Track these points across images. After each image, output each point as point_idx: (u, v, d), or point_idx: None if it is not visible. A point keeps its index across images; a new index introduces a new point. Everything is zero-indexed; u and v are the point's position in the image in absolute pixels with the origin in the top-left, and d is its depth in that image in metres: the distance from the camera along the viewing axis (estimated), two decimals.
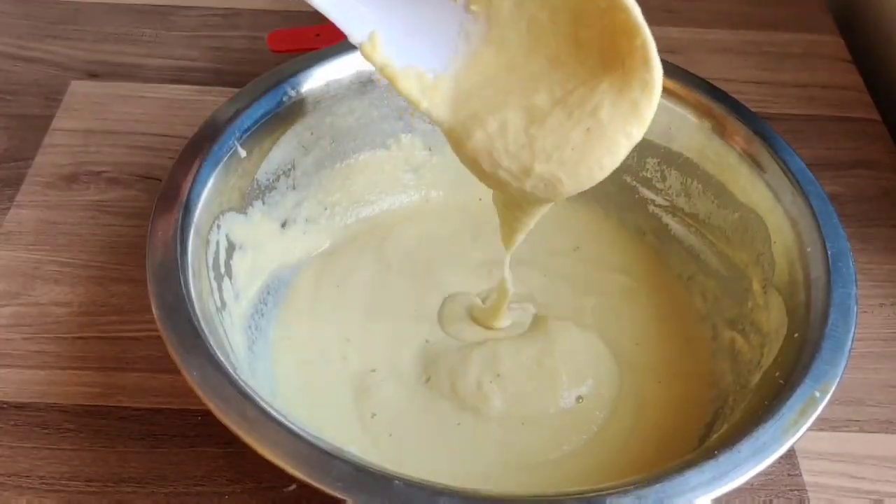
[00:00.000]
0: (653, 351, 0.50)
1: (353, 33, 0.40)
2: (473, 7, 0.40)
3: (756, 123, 0.49)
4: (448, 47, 0.41)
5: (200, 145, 0.46)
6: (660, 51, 0.38)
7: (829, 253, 0.43)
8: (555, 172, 0.39)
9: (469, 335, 0.50)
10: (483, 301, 0.52)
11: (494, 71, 0.41)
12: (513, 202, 0.44)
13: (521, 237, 0.47)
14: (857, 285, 0.42)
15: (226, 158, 0.46)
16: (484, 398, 0.46)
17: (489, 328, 0.50)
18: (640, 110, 0.38)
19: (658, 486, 0.35)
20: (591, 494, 0.35)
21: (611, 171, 0.39)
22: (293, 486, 0.44)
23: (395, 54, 0.40)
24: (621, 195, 0.55)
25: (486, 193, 0.56)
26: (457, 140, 0.41)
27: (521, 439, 0.45)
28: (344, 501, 0.34)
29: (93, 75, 0.66)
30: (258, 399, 0.37)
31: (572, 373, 0.47)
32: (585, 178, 0.39)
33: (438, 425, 0.46)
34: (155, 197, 0.44)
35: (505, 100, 0.40)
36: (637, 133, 0.38)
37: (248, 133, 0.47)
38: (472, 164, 0.41)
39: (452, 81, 0.40)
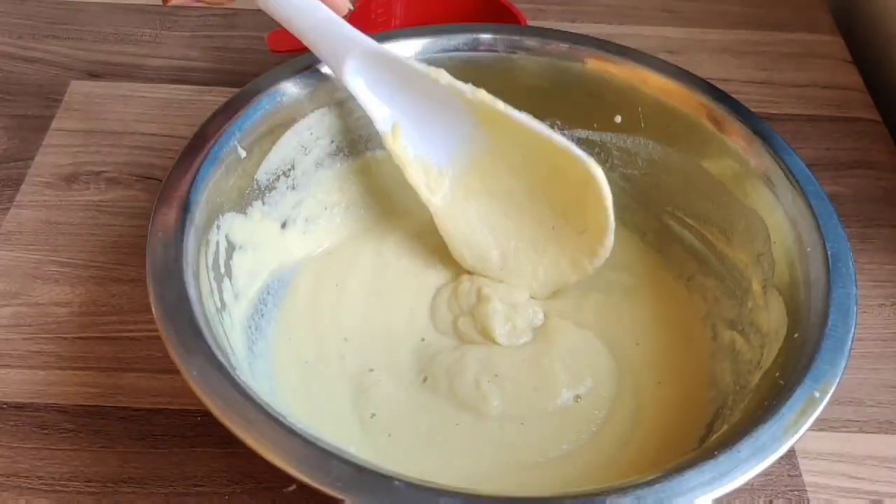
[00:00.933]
0: (652, 351, 0.50)
1: (380, 124, 0.48)
2: (484, 126, 0.48)
3: (756, 123, 0.49)
4: (454, 147, 0.49)
5: (200, 145, 0.46)
6: (660, 51, 0.38)
7: (828, 253, 0.43)
8: (507, 279, 0.51)
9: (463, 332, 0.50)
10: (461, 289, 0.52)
11: (487, 181, 0.49)
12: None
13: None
14: (856, 285, 0.42)
15: (226, 158, 0.46)
16: (482, 398, 0.46)
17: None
18: (584, 267, 0.50)
19: (658, 486, 0.35)
20: (590, 494, 0.35)
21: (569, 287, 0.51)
22: (293, 486, 0.44)
23: (410, 144, 0.48)
24: (621, 195, 0.55)
25: None
26: (444, 230, 0.50)
27: (520, 439, 0.45)
28: (343, 501, 0.34)
29: (93, 75, 0.66)
30: (258, 399, 0.37)
31: (570, 372, 0.48)
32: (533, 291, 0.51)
33: (437, 425, 0.46)
34: (155, 197, 0.44)
35: (488, 210, 0.49)
36: (578, 275, 0.50)
37: (248, 133, 0.47)
38: (452, 250, 0.51)
39: (453, 179, 0.49)
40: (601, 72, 0.52)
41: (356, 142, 0.53)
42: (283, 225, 0.51)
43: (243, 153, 0.47)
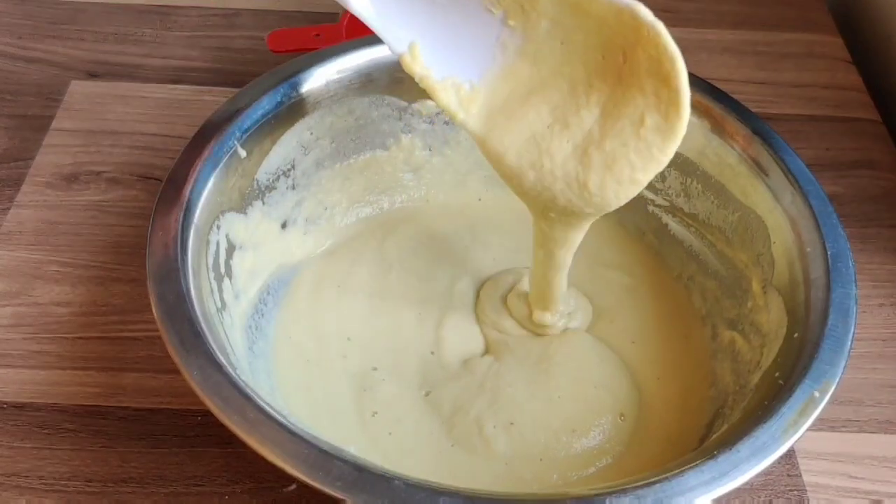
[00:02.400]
0: (652, 351, 0.50)
1: (394, 44, 0.41)
2: (511, 21, 0.41)
3: (756, 123, 0.49)
4: (485, 57, 0.42)
5: (200, 145, 0.46)
6: None
7: (828, 253, 0.43)
8: (582, 189, 0.40)
9: (473, 347, 0.50)
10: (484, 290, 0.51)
11: (529, 85, 0.41)
12: (546, 218, 0.44)
13: (558, 281, 0.47)
14: (856, 285, 0.42)
15: (226, 158, 0.46)
16: (485, 443, 0.45)
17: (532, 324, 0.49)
18: (655, 153, 0.39)
19: (658, 486, 0.35)
20: (591, 494, 0.35)
21: (643, 186, 0.40)
22: (293, 486, 0.44)
23: (434, 65, 0.41)
24: None
25: (485, 193, 0.57)
26: (491, 152, 0.41)
27: (529, 472, 0.44)
28: (344, 501, 0.34)
29: (93, 75, 0.66)
30: (258, 399, 0.37)
31: (590, 417, 0.46)
32: (612, 198, 0.40)
33: (437, 440, 0.45)
34: (155, 197, 0.44)
35: (539, 115, 0.41)
36: (656, 164, 0.40)
37: (248, 133, 0.47)
38: (508, 176, 0.42)
39: (488, 92, 0.41)
40: None
41: (357, 142, 0.53)
42: (284, 225, 0.51)
43: (243, 153, 0.47)
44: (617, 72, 0.40)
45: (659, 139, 0.39)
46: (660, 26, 0.38)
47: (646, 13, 0.38)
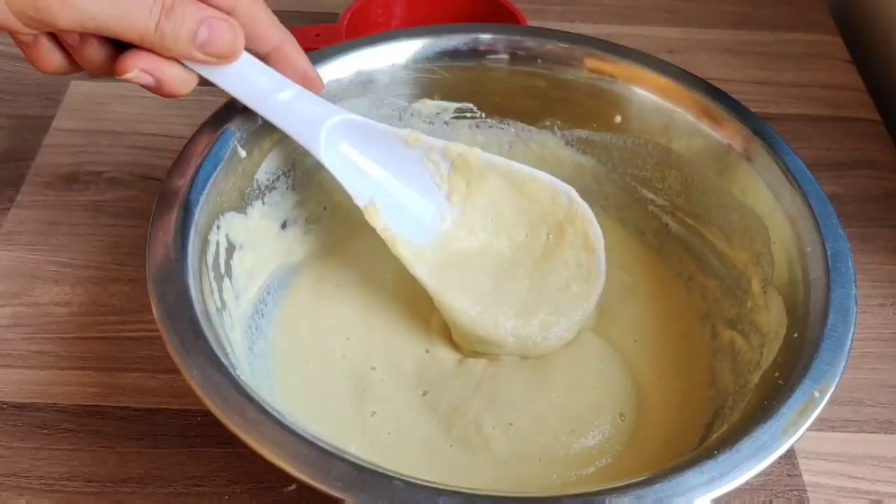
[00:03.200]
0: (652, 351, 0.50)
1: (357, 199, 0.47)
2: (454, 197, 0.49)
3: (756, 123, 0.49)
4: (428, 224, 0.49)
5: (200, 145, 0.46)
6: (660, 51, 0.38)
7: (828, 253, 0.43)
8: (508, 342, 0.47)
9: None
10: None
11: (466, 254, 0.49)
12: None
13: None
14: (856, 285, 0.42)
15: (226, 158, 0.46)
16: (484, 443, 0.45)
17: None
18: (584, 307, 0.48)
19: (657, 486, 0.35)
20: (591, 494, 0.35)
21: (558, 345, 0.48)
22: (293, 486, 0.44)
23: (388, 222, 0.47)
24: (621, 195, 0.55)
25: None
26: (439, 303, 0.48)
27: (528, 472, 0.44)
28: (343, 501, 0.34)
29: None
30: (258, 399, 0.37)
31: (589, 416, 0.46)
32: (552, 350, 0.48)
33: (436, 440, 0.45)
34: (155, 197, 0.44)
35: (480, 282, 0.48)
36: (588, 306, 0.49)
37: (248, 133, 0.47)
38: (450, 322, 0.48)
39: (433, 255, 0.48)
40: (601, 72, 0.52)
41: None
42: (284, 225, 0.51)
43: (243, 153, 0.47)
44: (540, 247, 0.49)
45: (584, 297, 0.48)
46: (586, 206, 0.48)
47: (577, 196, 0.48)
